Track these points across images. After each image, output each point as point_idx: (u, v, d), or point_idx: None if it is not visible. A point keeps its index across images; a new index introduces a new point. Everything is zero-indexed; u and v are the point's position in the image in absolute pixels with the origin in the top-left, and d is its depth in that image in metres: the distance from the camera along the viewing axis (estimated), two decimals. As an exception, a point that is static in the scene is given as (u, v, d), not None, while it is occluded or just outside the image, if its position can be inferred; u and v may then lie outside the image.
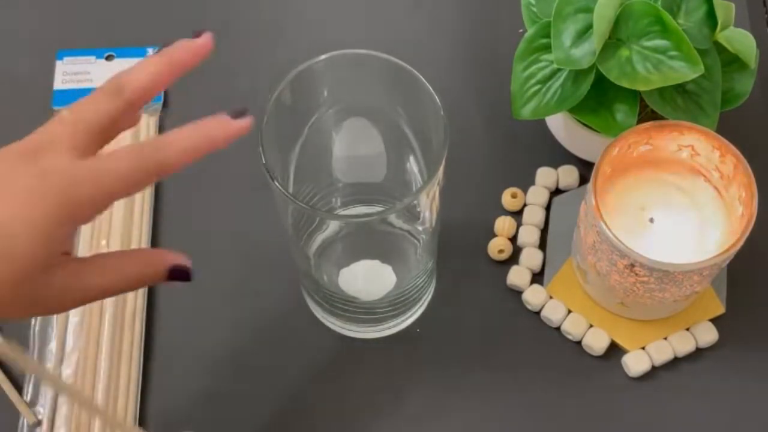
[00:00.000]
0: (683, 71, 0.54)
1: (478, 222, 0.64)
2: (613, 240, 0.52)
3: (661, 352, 0.59)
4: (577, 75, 0.57)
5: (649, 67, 0.55)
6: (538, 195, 0.64)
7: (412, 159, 0.55)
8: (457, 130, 0.68)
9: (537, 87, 0.58)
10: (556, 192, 0.65)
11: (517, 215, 0.64)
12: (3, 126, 0.56)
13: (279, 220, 0.52)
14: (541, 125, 0.67)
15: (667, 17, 0.54)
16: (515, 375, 0.60)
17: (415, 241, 0.57)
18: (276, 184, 0.46)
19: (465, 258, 0.64)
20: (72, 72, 0.69)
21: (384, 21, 0.73)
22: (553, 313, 0.60)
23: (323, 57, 0.50)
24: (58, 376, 0.58)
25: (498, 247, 0.63)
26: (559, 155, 0.66)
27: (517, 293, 0.62)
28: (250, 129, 0.43)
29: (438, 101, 0.48)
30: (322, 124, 0.53)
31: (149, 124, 0.67)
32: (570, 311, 0.61)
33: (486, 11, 0.73)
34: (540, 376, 0.60)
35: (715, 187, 0.56)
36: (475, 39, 0.72)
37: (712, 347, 0.60)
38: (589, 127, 0.60)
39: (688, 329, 0.60)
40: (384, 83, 0.51)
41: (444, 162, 0.48)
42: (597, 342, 0.59)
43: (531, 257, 0.62)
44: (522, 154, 0.67)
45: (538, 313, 0.61)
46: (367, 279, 0.59)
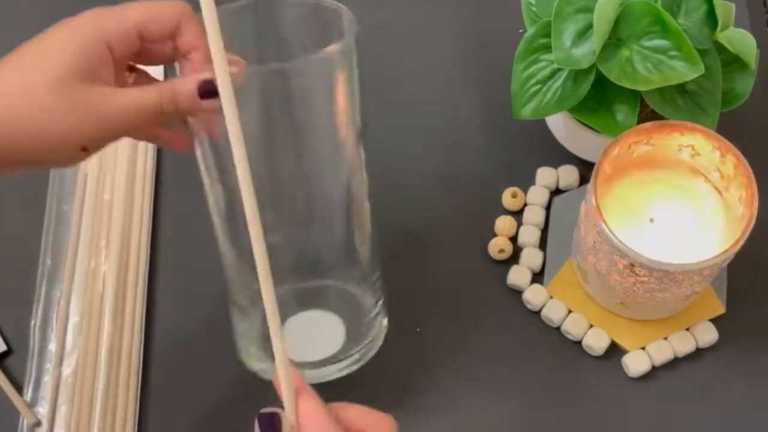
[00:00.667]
0: (683, 71, 0.54)
1: (478, 222, 0.64)
2: (613, 240, 0.52)
3: (661, 352, 0.59)
4: (577, 75, 0.57)
5: (650, 67, 0.55)
6: (538, 195, 0.64)
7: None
8: (458, 130, 0.68)
9: (537, 87, 0.58)
10: (556, 192, 0.65)
11: (518, 215, 0.64)
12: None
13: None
14: (541, 125, 0.67)
15: (668, 17, 0.54)
16: (515, 374, 0.60)
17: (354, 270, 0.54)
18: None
19: (465, 258, 0.64)
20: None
21: (384, 21, 0.73)
22: (554, 313, 0.60)
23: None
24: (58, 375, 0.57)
25: (498, 247, 0.63)
26: (559, 155, 0.66)
27: (517, 293, 0.62)
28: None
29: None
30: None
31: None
32: (570, 311, 0.61)
33: (486, 11, 0.73)
34: (540, 375, 0.60)
35: (715, 187, 0.56)
36: (475, 39, 0.72)
37: (712, 347, 0.60)
38: (589, 127, 0.60)
39: (688, 329, 0.60)
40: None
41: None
42: (597, 342, 0.60)
43: (531, 257, 0.62)
44: (522, 154, 0.67)
45: (538, 313, 0.61)
46: (310, 336, 0.55)
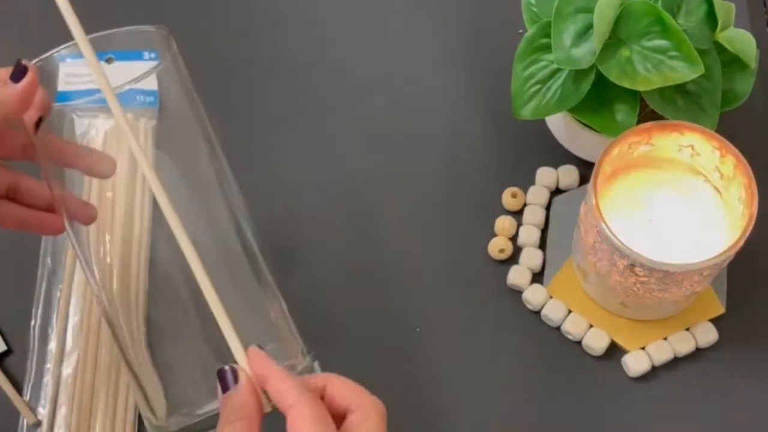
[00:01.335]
0: (683, 71, 0.54)
1: (478, 222, 0.64)
2: (613, 240, 0.52)
3: (661, 352, 0.59)
4: (577, 75, 0.57)
5: (649, 67, 0.55)
6: (538, 195, 0.64)
7: None
8: (458, 130, 0.68)
9: (537, 87, 0.58)
10: (556, 192, 0.65)
11: (518, 215, 0.64)
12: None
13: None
14: (541, 125, 0.67)
15: (668, 17, 0.54)
16: (515, 374, 0.60)
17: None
18: None
19: (465, 258, 0.64)
20: (73, 74, 0.70)
21: (384, 21, 0.73)
22: (554, 313, 0.60)
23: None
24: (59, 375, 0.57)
25: (498, 247, 0.63)
26: (559, 155, 0.66)
27: (517, 293, 0.62)
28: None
29: None
30: None
31: (146, 128, 0.67)
32: (570, 311, 0.61)
33: (486, 11, 0.73)
34: (540, 375, 0.60)
35: (715, 187, 0.56)
36: (475, 39, 0.72)
37: (712, 347, 0.60)
38: (589, 127, 0.60)
39: (688, 329, 0.60)
40: None
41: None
42: (597, 342, 0.59)
43: (531, 257, 0.62)
44: (522, 154, 0.67)
45: (538, 313, 0.61)
46: None
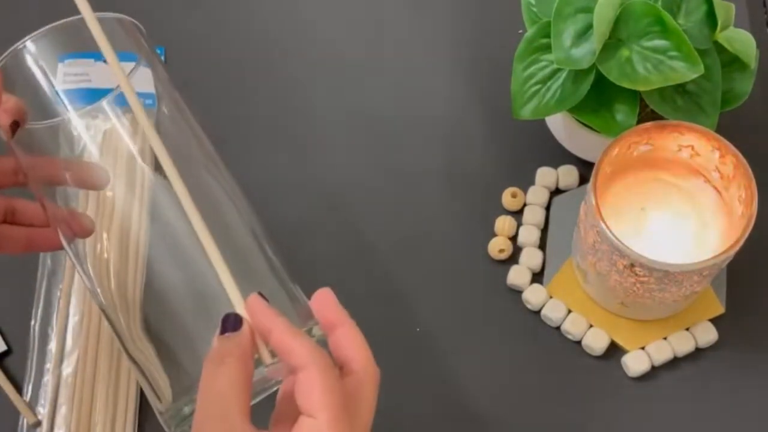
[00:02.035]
0: (683, 71, 0.54)
1: (478, 222, 0.64)
2: (613, 240, 0.52)
3: (661, 352, 0.59)
4: (577, 75, 0.57)
5: (649, 68, 0.55)
6: (538, 195, 0.64)
7: None
8: (458, 130, 0.68)
9: (537, 87, 0.58)
10: (556, 192, 0.65)
11: (518, 215, 0.64)
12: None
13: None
14: (541, 125, 0.67)
15: (667, 17, 0.54)
16: (515, 374, 0.60)
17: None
18: None
19: (465, 258, 0.64)
20: (72, 73, 0.70)
21: (384, 21, 0.73)
22: (553, 313, 0.60)
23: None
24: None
25: (498, 247, 0.63)
26: (559, 155, 0.66)
27: (517, 293, 0.62)
28: None
29: None
30: None
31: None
32: (570, 311, 0.61)
33: (486, 11, 0.73)
34: (540, 375, 0.60)
35: (715, 187, 0.56)
36: (475, 39, 0.72)
37: (711, 347, 0.60)
38: (589, 127, 0.60)
39: (688, 329, 0.60)
40: None
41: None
42: (597, 342, 0.60)
43: (531, 257, 0.62)
44: (522, 154, 0.67)
45: (538, 313, 0.61)
46: None
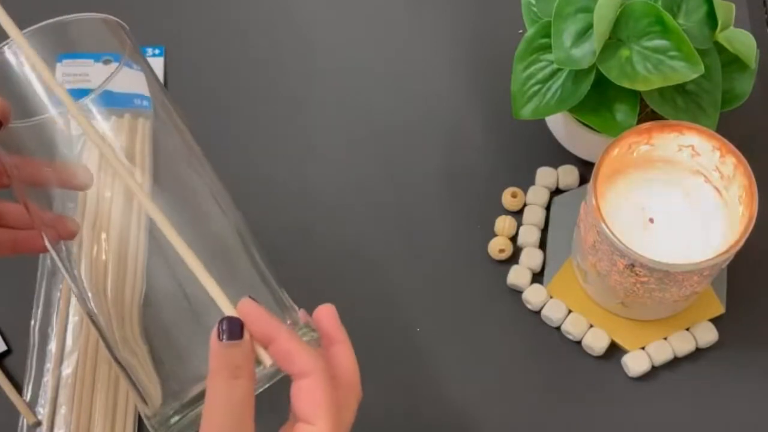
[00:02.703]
0: (683, 71, 0.54)
1: (478, 222, 0.64)
2: (613, 240, 0.52)
3: (661, 352, 0.59)
4: (577, 75, 0.57)
5: (649, 67, 0.55)
6: (538, 195, 0.64)
7: None
8: (458, 130, 0.68)
9: (537, 87, 0.58)
10: (556, 192, 0.65)
11: (518, 215, 0.64)
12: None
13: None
14: (541, 125, 0.67)
15: (668, 17, 0.54)
16: (515, 374, 0.60)
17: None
18: None
19: (465, 258, 0.64)
20: (71, 73, 0.70)
21: (384, 21, 0.73)
22: (554, 313, 0.60)
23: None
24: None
25: (498, 247, 0.63)
26: (559, 155, 0.66)
27: (517, 293, 0.62)
28: None
29: None
30: None
31: (144, 127, 0.67)
32: (570, 311, 0.61)
33: (486, 11, 0.73)
34: (540, 375, 0.60)
35: (715, 187, 0.56)
36: (475, 39, 0.72)
37: (712, 347, 0.60)
38: (589, 127, 0.60)
39: (688, 329, 0.60)
40: None
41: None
42: (597, 342, 0.60)
43: (531, 257, 0.62)
44: (522, 154, 0.67)
45: (538, 313, 0.61)
46: None
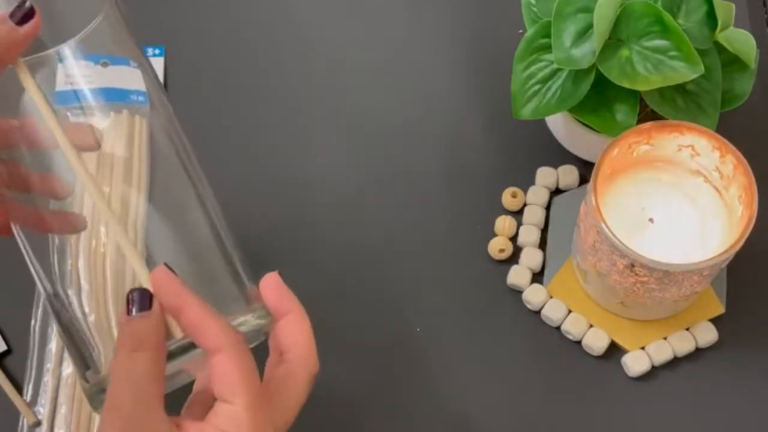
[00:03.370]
0: (683, 71, 0.54)
1: (478, 222, 0.64)
2: (613, 240, 0.52)
3: (661, 352, 0.59)
4: (577, 75, 0.57)
5: (649, 67, 0.55)
6: (538, 195, 0.64)
7: None
8: (458, 130, 0.68)
9: (537, 87, 0.58)
10: (556, 192, 0.65)
11: (518, 215, 0.64)
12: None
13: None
14: (541, 125, 0.67)
15: (668, 17, 0.54)
16: (515, 374, 0.60)
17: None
18: None
19: (465, 258, 0.64)
20: (71, 74, 0.70)
21: (384, 21, 0.73)
22: (554, 313, 0.60)
23: None
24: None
25: (498, 247, 0.63)
26: (559, 155, 0.66)
27: (517, 293, 0.62)
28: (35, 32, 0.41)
29: None
30: None
31: (141, 124, 0.67)
32: (570, 311, 0.61)
33: (486, 11, 0.73)
34: (540, 375, 0.60)
35: (715, 188, 0.56)
36: (475, 39, 0.72)
37: (712, 347, 0.60)
38: (589, 127, 0.60)
39: (688, 329, 0.60)
40: None
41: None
42: (597, 342, 0.59)
43: (531, 257, 0.62)
44: (522, 154, 0.67)
45: (538, 313, 0.61)
46: None
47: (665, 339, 0.60)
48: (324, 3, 0.74)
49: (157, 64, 0.69)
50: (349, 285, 0.63)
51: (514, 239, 0.64)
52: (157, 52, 0.71)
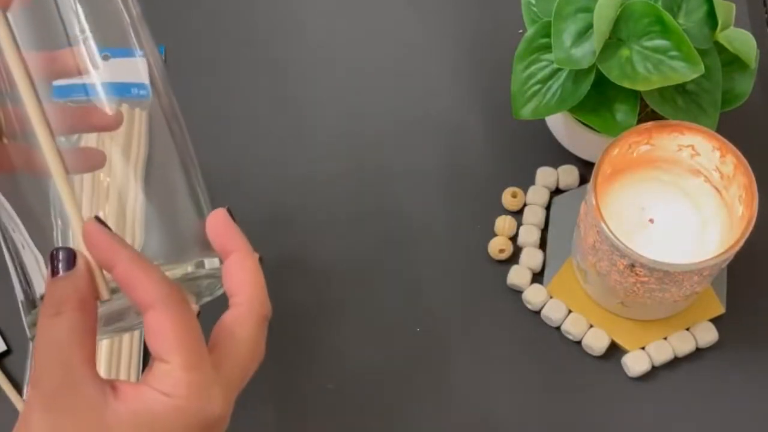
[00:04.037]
0: (683, 71, 0.54)
1: (478, 222, 0.64)
2: (613, 240, 0.52)
3: (661, 352, 0.59)
4: (577, 75, 0.57)
5: (650, 67, 0.55)
6: (538, 195, 0.64)
7: None
8: (458, 130, 0.68)
9: (537, 87, 0.58)
10: (556, 192, 0.65)
11: (518, 215, 0.64)
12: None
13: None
14: (541, 125, 0.67)
15: (668, 17, 0.54)
16: (515, 374, 0.60)
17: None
18: None
19: (465, 258, 0.64)
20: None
21: (384, 21, 0.73)
22: (554, 313, 0.60)
23: None
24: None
25: (498, 247, 0.63)
26: (559, 155, 0.66)
27: (517, 293, 0.62)
28: None
29: None
30: None
31: (141, 117, 0.67)
32: (570, 311, 0.61)
33: (486, 11, 0.73)
34: (540, 375, 0.60)
35: (715, 187, 0.56)
36: (476, 39, 0.72)
37: (712, 347, 0.60)
38: (589, 127, 0.60)
39: (688, 329, 0.60)
40: None
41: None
42: (597, 342, 0.59)
43: (531, 257, 0.62)
44: (522, 154, 0.67)
45: (538, 313, 0.61)
46: None
47: (665, 339, 0.60)
48: (324, 3, 0.74)
49: (157, 63, 0.69)
50: (349, 284, 0.63)
51: (514, 239, 0.64)
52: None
